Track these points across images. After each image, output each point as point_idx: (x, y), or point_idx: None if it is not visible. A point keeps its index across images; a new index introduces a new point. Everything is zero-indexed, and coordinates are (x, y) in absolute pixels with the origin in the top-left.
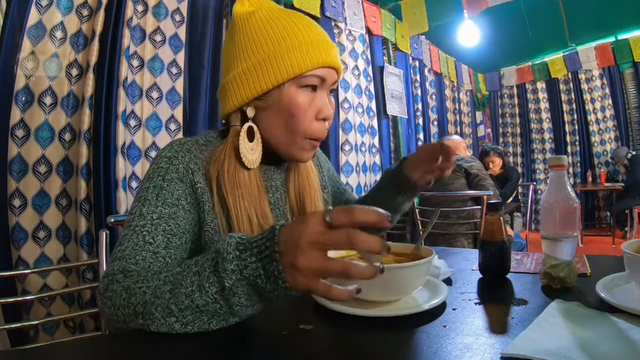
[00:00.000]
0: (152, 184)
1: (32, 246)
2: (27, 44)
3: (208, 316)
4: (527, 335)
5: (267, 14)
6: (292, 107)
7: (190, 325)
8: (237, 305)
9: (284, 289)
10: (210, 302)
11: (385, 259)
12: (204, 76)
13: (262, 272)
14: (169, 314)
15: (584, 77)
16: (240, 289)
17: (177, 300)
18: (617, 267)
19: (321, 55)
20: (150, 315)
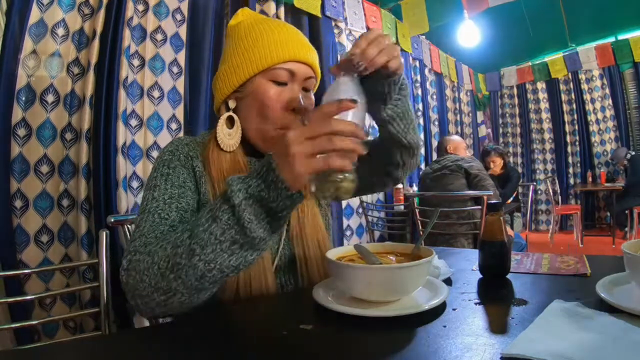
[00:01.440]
0: (159, 173)
1: (34, 250)
2: (28, 42)
3: (227, 250)
4: (527, 335)
5: (250, 23)
6: (262, 97)
7: (213, 263)
8: (248, 222)
9: (285, 190)
10: (226, 229)
11: (385, 259)
12: (204, 76)
13: (263, 184)
14: (192, 255)
15: (584, 77)
16: (248, 207)
17: (198, 239)
18: (617, 267)
19: (289, 51)
20: (177, 266)
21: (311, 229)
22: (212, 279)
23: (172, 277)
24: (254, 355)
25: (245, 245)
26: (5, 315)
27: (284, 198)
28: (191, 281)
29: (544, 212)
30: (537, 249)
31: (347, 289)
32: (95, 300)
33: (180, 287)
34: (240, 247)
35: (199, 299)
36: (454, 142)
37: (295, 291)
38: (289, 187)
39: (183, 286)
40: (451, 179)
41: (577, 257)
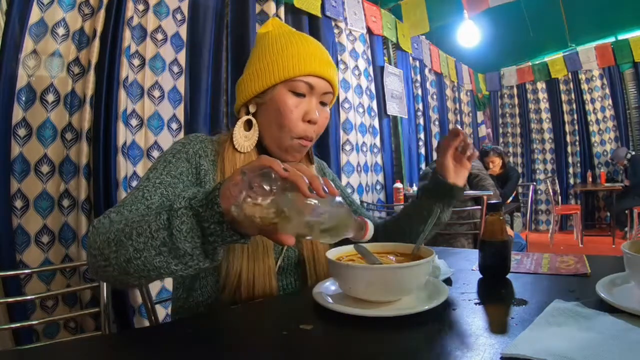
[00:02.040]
0: (163, 158)
1: (35, 251)
2: (28, 42)
3: (156, 248)
4: (527, 335)
5: (278, 33)
6: (280, 106)
7: (140, 253)
8: (177, 231)
9: (218, 215)
10: (160, 227)
11: (385, 259)
12: (205, 75)
13: (205, 200)
14: (129, 237)
15: (584, 77)
16: (184, 217)
17: (138, 226)
18: (617, 267)
19: (310, 65)
20: (117, 241)
21: None
22: (136, 267)
23: (113, 249)
24: (254, 355)
25: (172, 252)
26: (5, 318)
27: (214, 222)
28: (120, 260)
29: (544, 212)
30: (537, 249)
31: (347, 289)
32: (96, 301)
33: (113, 261)
34: (168, 252)
35: (128, 282)
36: None
37: (295, 291)
38: (222, 213)
39: (115, 261)
40: None
41: (577, 257)
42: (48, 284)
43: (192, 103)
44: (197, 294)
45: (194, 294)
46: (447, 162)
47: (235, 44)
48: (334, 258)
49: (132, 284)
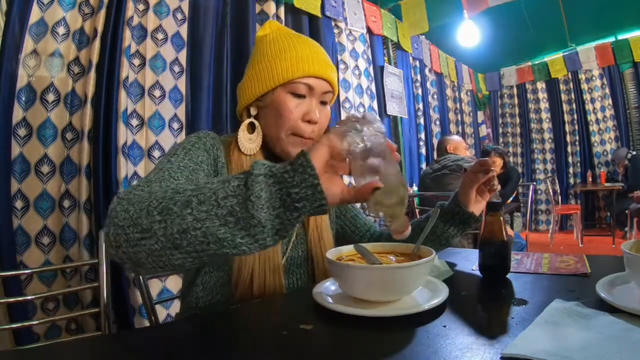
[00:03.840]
0: (181, 146)
1: (35, 252)
2: (29, 41)
3: (221, 218)
4: (527, 335)
5: (276, 36)
6: (280, 108)
7: (201, 222)
8: (256, 197)
9: (312, 178)
10: (230, 194)
11: (385, 259)
12: (206, 75)
13: (290, 166)
14: (187, 206)
15: (584, 77)
16: (264, 184)
17: (199, 193)
18: (617, 267)
19: (309, 67)
20: (167, 210)
21: (326, 231)
22: (193, 239)
23: (158, 218)
24: (254, 355)
25: (240, 222)
26: (5, 320)
27: (307, 186)
28: (173, 231)
29: (544, 212)
30: (537, 249)
31: (347, 289)
32: (97, 303)
33: (160, 232)
34: (235, 223)
35: (169, 260)
36: (454, 142)
37: (295, 291)
38: (316, 174)
39: (163, 232)
40: (451, 178)
41: (577, 257)
42: (49, 285)
43: (193, 103)
44: (198, 289)
45: (195, 288)
46: (471, 194)
47: (235, 44)
48: (333, 258)
49: (174, 263)
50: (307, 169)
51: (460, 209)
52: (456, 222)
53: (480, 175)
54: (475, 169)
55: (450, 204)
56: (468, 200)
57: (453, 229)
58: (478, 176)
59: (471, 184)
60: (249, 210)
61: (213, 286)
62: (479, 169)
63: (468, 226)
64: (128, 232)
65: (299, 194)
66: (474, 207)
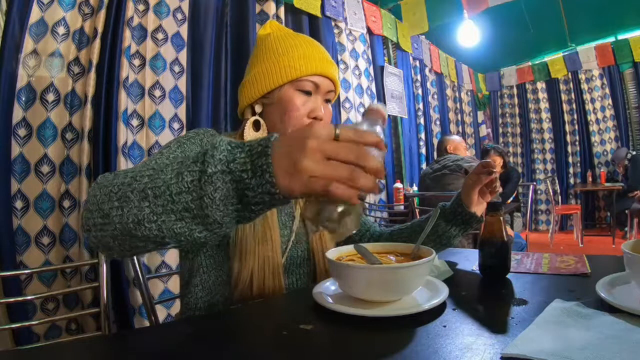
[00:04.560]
0: (175, 140)
1: (35, 252)
2: (29, 41)
3: (177, 213)
4: (527, 335)
5: (279, 35)
6: (288, 105)
7: (157, 216)
8: (209, 198)
9: (270, 186)
10: (183, 191)
11: (385, 259)
12: (206, 75)
13: (250, 166)
14: (144, 199)
15: (584, 77)
16: (220, 183)
17: (154, 185)
18: (617, 267)
19: (316, 66)
20: (125, 199)
21: None
22: (147, 231)
23: (116, 204)
24: (254, 355)
25: (197, 218)
26: (5, 320)
27: (264, 192)
28: (128, 220)
29: (544, 212)
30: (537, 249)
31: (347, 289)
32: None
33: (116, 219)
34: (192, 218)
35: (131, 245)
36: (454, 142)
37: (295, 291)
38: (275, 184)
39: (119, 219)
40: (451, 178)
41: (577, 257)
42: (49, 285)
43: (194, 102)
44: (197, 289)
45: (193, 289)
46: (474, 195)
47: (235, 44)
48: (334, 258)
49: (137, 249)
50: (266, 174)
51: (463, 210)
52: (458, 223)
53: (483, 176)
54: (478, 170)
55: (453, 204)
56: (470, 201)
57: (455, 229)
58: (481, 177)
59: (474, 185)
60: (204, 209)
61: (212, 285)
62: (481, 170)
63: (470, 227)
64: (95, 216)
65: (256, 199)
66: (476, 208)
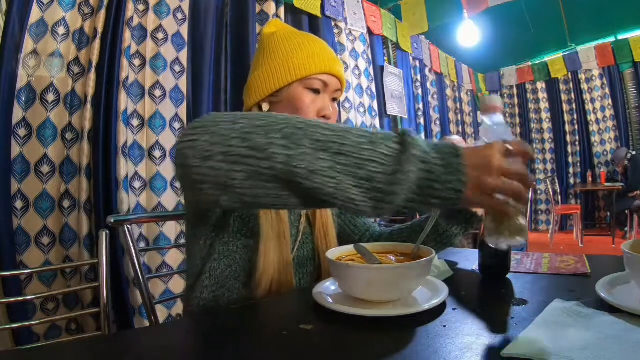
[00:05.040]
0: None
1: (35, 252)
2: (29, 41)
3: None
4: (527, 335)
5: (285, 34)
6: (297, 103)
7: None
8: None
9: (459, 184)
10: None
11: (385, 259)
12: (207, 74)
13: (442, 162)
14: (321, 150)
15: (584, 77)
16: (415, 167)
17: (342, 142)
18: (617, 267)
19: (324, 64)
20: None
21: (331, 228)
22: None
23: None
24: (254, 355)
25: (374, 191)
26: (5, 320)
27: (451, 189)
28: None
29: (544, 212)
30: (537, 249)
31: (347, 289)
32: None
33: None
34: (369, 190)
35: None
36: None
37: (295, 291)
38: (464, 183)
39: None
40: None
41: (577, 257)
42: (49, 285)
43: (194, 102)
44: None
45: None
46: None
47: (235, 44)
48: (334, 258)
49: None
50: (458, 174)
51: (464, 209)
52: (459, 222)
53: None
54: None
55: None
56: None
57: (456, 228)
58: None
59: None
60: (392, 185)
61: (219, 275)
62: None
63: (471, 226)
64: (231, 143)
65: (441, 192)
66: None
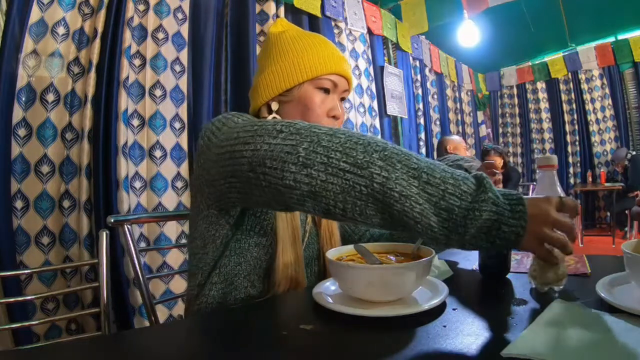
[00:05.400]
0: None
1: (35, 252)
2: (28, 41)
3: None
4: (527, 335)
5: (294, 34)
6: (308, 102)
7: (422, 199)
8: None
9: (521, 229)
10: (456, 195)
11: (385, 259)
12: (207, 74)
13: (509, 207)
14: (414, 177)
15: (584, 77)
16: (488, 208)
17: (431, 174)
18: (617, 267)
19: (335, 65)
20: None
21: (336, 229)
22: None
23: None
24: (254, 355)
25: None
26: (5, 321)
27: (514, 233)
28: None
29: None
30: None
31: (347, 289)
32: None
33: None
34: (446, 220)
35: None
36: (453, 142)
37: (295, 291)
38: (525, 229)
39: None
40: None
41: (577, 257)
42: (48, 286)
43: (195, 102)
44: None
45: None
46: None
47: (234, 44)
48: (334, 258)
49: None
50: (522, 220)
51: None
52: None
53: None
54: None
55: None
56: None
57: None
58: None
59: None
60: (466, 220)
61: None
62: (484, 172)
63: None
64: (332, 156)
65: (505, 234)
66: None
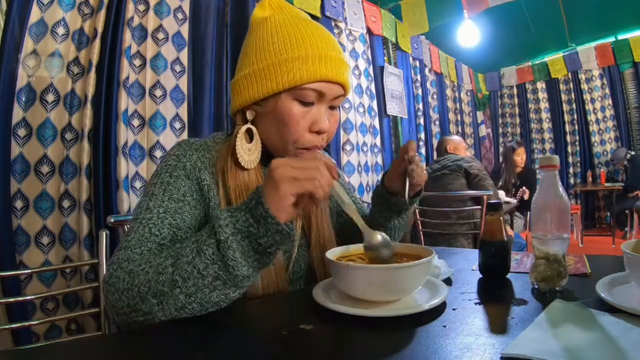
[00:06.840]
0: (159, 180)
1: (35, 252)
2: (28, 42)
3: (209, 285)
4: (527, 335)
5: (280, 20)
6: (285, 117)
7: (193, 296)
8: (232, 260)
9: (274, 224)
10: (209, 263)
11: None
12: (207, 74)
13: (252, 219)
14: (174, 286)
15: (584, 77)
16: (235, 243)
17: (180, 270)
18: (617, 267)
19: (321, 70)
20: (160, 293)
21: (328, 233)
22: (191, 311)
23: (154, 301)
24: (254, 355)
25: (228, 283)
26: (5, 321)
27: (273, 233)
28: (170, 310)
29: None
30: None
31: (347, 289)
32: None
33: (160, 313)
34: (223, 284)
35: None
36: (453, 142)
37: (295, 291)
38: (278, 221)
39: (162, 312)
40: (451, 178)
41: (577, 257)
42: (48, 285)
43: (195, 102)
44: None
45: None
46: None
47: (235, 43)
48: (333, 258)
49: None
50: (268, 219)
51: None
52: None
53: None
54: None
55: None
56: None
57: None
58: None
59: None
60: (231, 272)
61: None
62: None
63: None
64: (132, 316)
65: (269, 242)
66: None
